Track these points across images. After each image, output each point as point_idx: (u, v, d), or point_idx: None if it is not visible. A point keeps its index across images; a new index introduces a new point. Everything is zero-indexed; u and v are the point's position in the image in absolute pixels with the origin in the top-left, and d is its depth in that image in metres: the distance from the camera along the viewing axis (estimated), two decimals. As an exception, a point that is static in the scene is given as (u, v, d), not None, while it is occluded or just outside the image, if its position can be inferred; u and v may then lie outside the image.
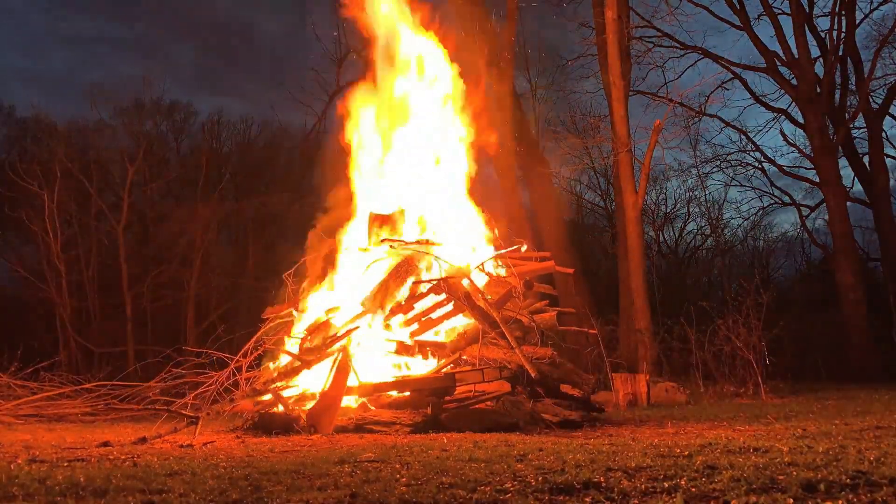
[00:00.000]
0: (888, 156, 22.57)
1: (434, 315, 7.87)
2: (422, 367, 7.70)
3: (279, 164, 22.73)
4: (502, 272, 8.67)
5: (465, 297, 7.68)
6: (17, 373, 11.18)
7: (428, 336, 7.91)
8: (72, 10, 41.85)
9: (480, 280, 8.31)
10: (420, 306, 7.96)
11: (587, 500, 3.15)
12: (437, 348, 7.73)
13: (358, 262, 8.67)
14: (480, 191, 9.79)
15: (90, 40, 41.28)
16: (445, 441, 5.63)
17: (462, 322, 8.05)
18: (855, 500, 3.00)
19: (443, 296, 7.80)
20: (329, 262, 8.98)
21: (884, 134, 22.10)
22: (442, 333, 8.05)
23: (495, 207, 9.88)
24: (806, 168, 22.68)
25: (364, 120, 9.77)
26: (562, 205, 18.11)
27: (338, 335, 7.53)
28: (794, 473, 3.46)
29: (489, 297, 7.80)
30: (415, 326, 7.85)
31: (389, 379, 7.38)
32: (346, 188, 9.49)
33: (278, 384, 7.16)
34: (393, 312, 7.83)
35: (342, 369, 6.94)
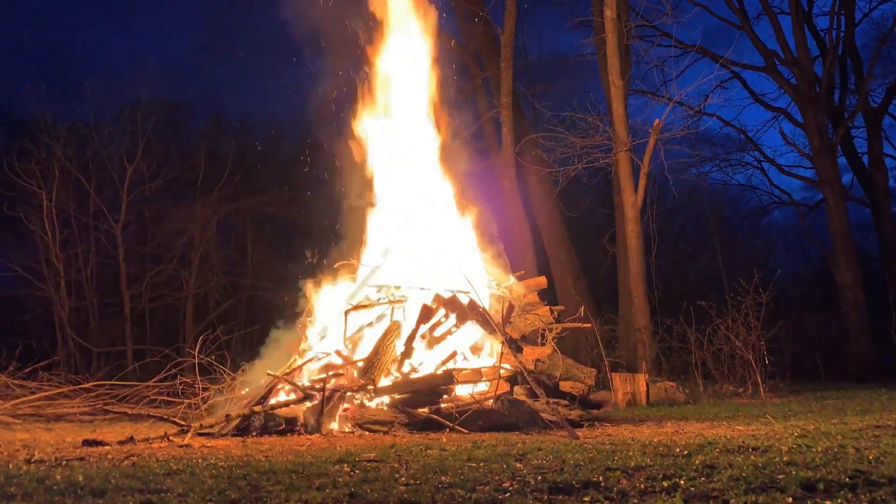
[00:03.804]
0: (887, 155, 22.62)
1: (437, 333, 7.86)
2: (420, 367, 7.70)
3: (279, 163, 22.73)
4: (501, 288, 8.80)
5: (471, 307, 7.69)
6: (15, 372, 11.16)
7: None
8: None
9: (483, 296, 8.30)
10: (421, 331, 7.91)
11: (586, 499, 3.14)
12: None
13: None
14: (478, 192, 9.77)
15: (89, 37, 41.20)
16: (444, 441, 5.62)
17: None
18: (854, 499, 3.00)
19: (442, 311, 7.81)
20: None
21: (883, 133, 22.15)
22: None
23: (494, 210, 9.83)
24: (805, 167, 22.72)
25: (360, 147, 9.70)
26: (560, 204, 18.07)
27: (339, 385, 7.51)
28: (794, 473, 3.46)
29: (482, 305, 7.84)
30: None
31: (388, 381, 7.39)
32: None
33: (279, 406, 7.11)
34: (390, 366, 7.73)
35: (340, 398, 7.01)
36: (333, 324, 8.48)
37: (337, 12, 9.98)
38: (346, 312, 8.06)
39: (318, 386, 7.14)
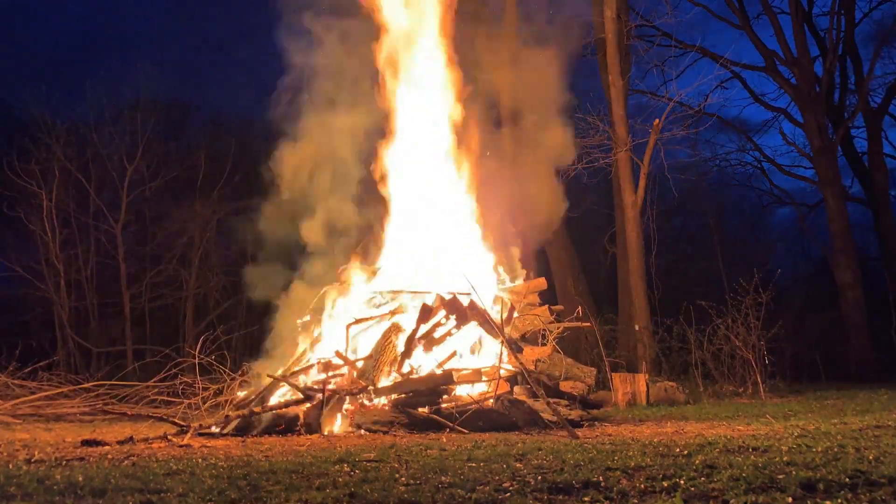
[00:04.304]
0: (887, 155, 22.61)
1: (437, 334, 7.84)
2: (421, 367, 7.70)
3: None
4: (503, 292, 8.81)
5: (471, 307, 7.69)
6: (15, 372, 11.16)
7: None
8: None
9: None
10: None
11: (586, 499, 3.14)
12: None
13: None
14: (478, 193, 9.75)
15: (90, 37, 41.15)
16: (444, 441, 5.62)
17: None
18: (854, 499, 3.00)
19: (442, 312, 7.80)
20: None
21: (883, 133, 22.15)
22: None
23: (494, 209, 9.83)
24: (805, 167, 22.71)
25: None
26: (560, 204, 18.06)
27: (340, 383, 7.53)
28: (794, 473, 3.46)
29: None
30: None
31: (388, 381, 7.39)
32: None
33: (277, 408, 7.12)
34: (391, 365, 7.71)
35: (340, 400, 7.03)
36: (334, 325, 8.48)
37: (338, 9, 9.97)
38: (348, 326, 8.06)
39: (318, 386, 7.15)
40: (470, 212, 9.52)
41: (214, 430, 6.87)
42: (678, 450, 4.39)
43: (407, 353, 7.58)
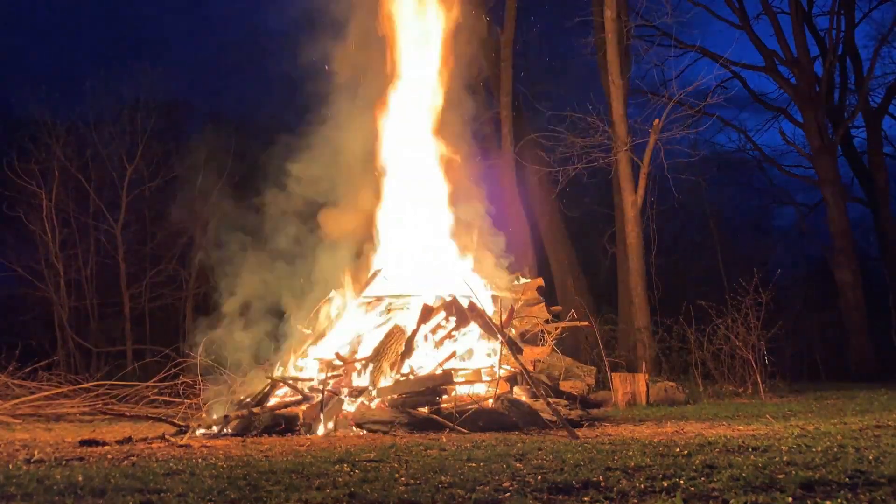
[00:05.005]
0: (887, 155, 22.59)
1: (437, 336, 7.84)
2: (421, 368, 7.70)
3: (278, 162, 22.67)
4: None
5: (471, 309, 7.69)
6: (15, 372, 11.16)
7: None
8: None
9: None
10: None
11: (586, 499, 3.14)
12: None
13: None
14: (478, 195, 9.71)
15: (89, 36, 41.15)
16: (444, 440, 5.62)
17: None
18: (854, 499, 3.00)
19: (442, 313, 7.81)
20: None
21: (883, 133, 22.14)
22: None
23: (494, 210, 9.79)
24: (805, 167, 22.68)
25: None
26: (560, 204, 18.06)
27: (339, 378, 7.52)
28: (793, 473, 3.46)
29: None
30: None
31: (388, 382, 7.39)
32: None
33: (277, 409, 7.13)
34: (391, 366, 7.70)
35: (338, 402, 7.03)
36: (334, 326, 8.49)
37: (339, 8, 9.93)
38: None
39: (318, 387, 7.15)
40: (469, 213, 9.50)
41: (214, 430, 6.87)
42: (678, 450, 4.39)
43: (407, 353, 7.58)
